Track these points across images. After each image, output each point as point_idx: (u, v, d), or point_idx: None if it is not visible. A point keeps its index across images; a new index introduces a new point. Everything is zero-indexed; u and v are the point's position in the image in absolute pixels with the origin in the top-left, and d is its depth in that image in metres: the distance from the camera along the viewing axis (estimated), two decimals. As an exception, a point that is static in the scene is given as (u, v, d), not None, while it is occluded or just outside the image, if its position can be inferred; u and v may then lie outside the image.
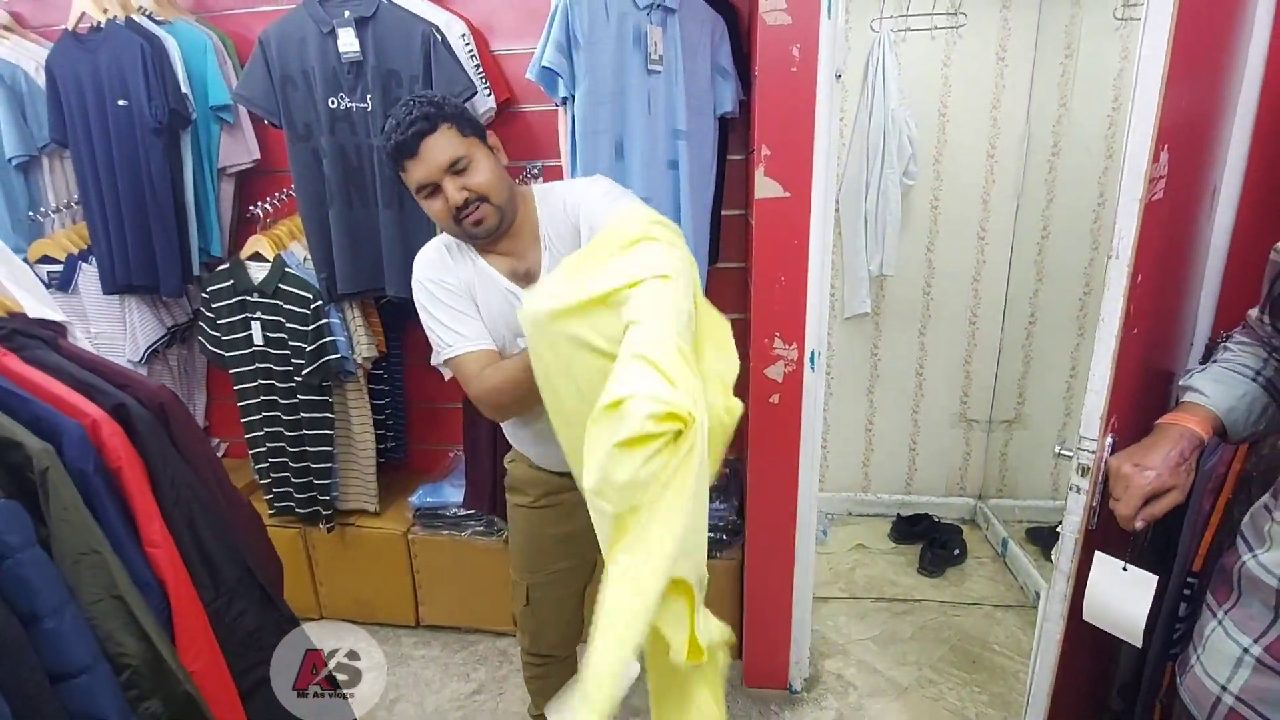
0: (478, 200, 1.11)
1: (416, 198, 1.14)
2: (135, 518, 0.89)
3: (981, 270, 2.51)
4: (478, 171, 1.11)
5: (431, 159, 1.08)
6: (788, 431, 1.70)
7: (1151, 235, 1.01)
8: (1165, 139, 0.99)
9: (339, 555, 2.15)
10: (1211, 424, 0.97)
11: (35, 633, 0.76)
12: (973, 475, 2.71)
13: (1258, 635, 0.84)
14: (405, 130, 1.07)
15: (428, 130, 1.08)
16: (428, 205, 1.14)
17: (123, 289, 2.02)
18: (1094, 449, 1.06)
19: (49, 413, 0.85)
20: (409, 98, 1.12)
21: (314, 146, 1.80)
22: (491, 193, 1.12)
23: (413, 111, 1.08)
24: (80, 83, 1.90)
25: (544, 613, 1.43)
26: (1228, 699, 0.85)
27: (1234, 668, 0.85)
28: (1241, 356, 1.05)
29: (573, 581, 1.42)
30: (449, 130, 1.10)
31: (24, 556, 0.75)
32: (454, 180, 1.10)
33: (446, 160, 1.09)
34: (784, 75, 1.51)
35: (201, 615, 0.94)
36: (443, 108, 1.10)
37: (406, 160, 1.09)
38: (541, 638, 1.46)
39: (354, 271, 1.86)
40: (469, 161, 1.10)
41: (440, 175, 1.09)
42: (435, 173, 1.09)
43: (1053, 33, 2.30)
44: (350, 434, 2.07)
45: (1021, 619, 2.15)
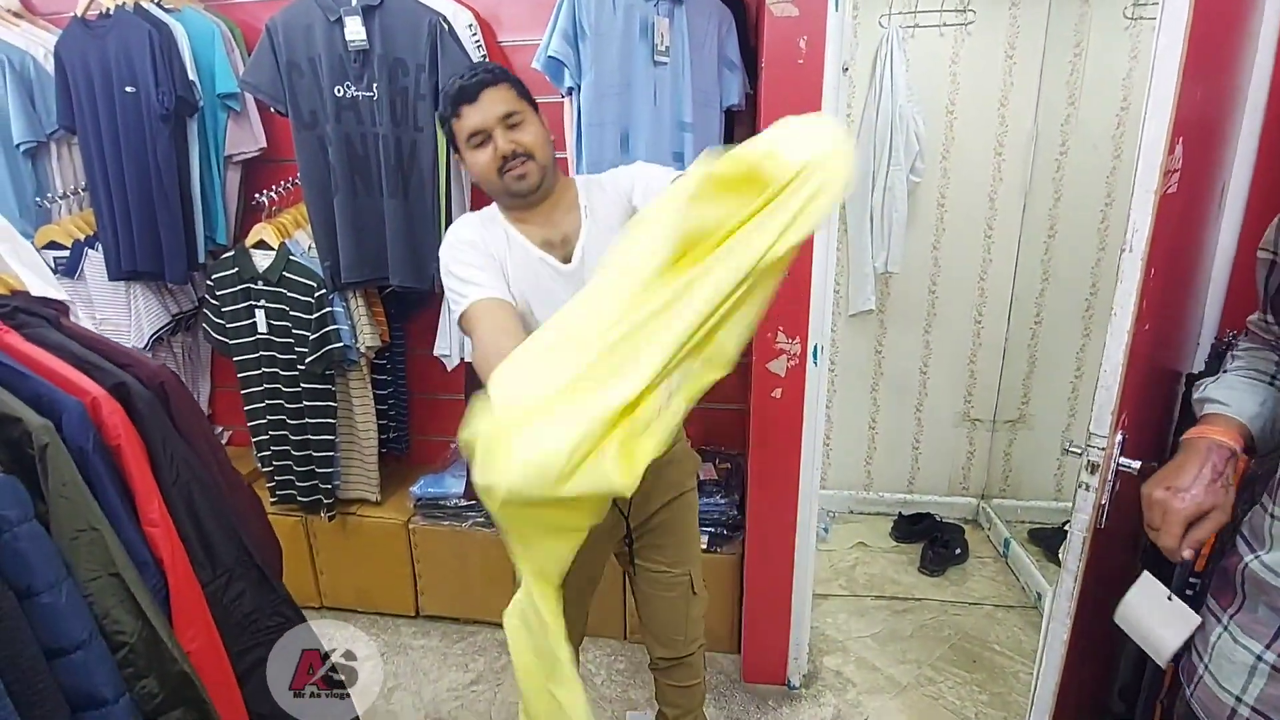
0: (524, 156, 1.14)
1: (464, 149, 1.16)
2: (134, 496, 0.89)
3: (987, 269, 2.50)
4: (528, 130, 1.15)
5: (489, 107, 1.12)
6: (789, 426, 1.70)
7: (1165, 229, 1.00)
8: (1180, 131, 0.98)
9: (340, 544, 2.15)
10: (1239, 432, 0.92)
11: (31, 607, 0.76)
12: (976, 475, 2.70)
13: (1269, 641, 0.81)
14: (469, 79, 1.12)
15: (490, 82, 1.13)
16: (474, 156, 1.15)
17: (128, 275, 2.03)
18: (1104, 445, 1.04)
19: (49, 390, 0.85)
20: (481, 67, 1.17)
21: (319, 134, 1.81)
22: (537, 151, 1.15)
23: (477, 69, 1.15)
24: (89, 69, 1.91)
25: None
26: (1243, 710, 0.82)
27: (1248, 676, 0.82)
28: (1253, 362, 1.02)
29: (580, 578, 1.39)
30: (509, 89, 1.15)
31: (21, 531, 0.75)
32: (505, 132, 1.13)
33: (503, 110, 1.12)
34: (791, 68, 1.51)
35: (199, 595, 0.94)
36: (507, 73, 1.17)
37: (464, 105, 1.12)
38: None
39: (358, 260, 1.86)
40: (522, 119, 1.14)
41: (494, 124, 1.12)
42: (490, 120, 1.12)
43: (1062, 31, 2.28)
44: (353, 423, 2.07)
45: (1023, 619, 2.14)
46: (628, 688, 1.90)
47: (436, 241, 1.85)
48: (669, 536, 1.37)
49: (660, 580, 1.38)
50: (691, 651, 1.43)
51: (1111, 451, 1.04)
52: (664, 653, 1.43)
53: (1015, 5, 2.31)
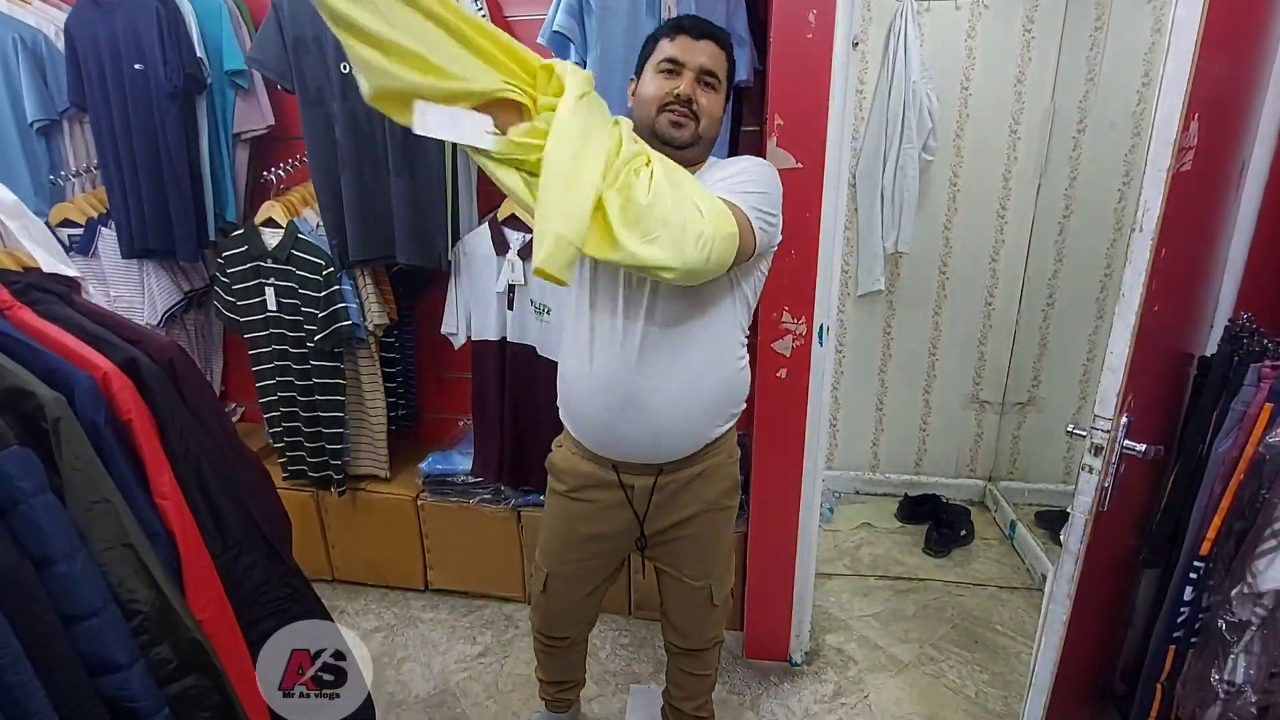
0: (694, 115, 1.13)
1: (648, 66, 1.15)
2: (145, 469, 0.91)
3: (1000, 250, 2.47)
4: (713, 98, 1.15)
5: (700, 54, 1.12)
6: (794, 406, 1.70)
7: (1178, 208, 0.98)
8: (1196, 108, 0.96)
9: (350, 519, 2.19)
10: None
11: (47, 575, 0.78)
12: (983, 457, 2.69)
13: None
14: (702, 21, 1.14)
15: (718, 40, 1.14)
16: (653, 77, 1.14)
17: (140, 253, 2.05)
18: (1108, 428, 1.04)
19: (61, 364, 0.87)
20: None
21: (326, 112, 1.80)
22: (704, 119, 1.14)
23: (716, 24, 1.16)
24: (98, 46, 1.91)
25: (560, 601, 1.40)
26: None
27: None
28: None
29: (596, 576, 1.39)
30: (725, 59, 1.16)
31: (37, 501, 0.77)
32: (694, 82, 1.12)
33: (709, 64, 1.13)
34: (800, 42, 1.48)
35: (210, 566, 0.96)
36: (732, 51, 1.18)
37: (682, 36, 1.12)
38: (553, 623, 1.44)
39: (365, 238, 1.87)
40: (715, 89, 1.14)
41: (694, 67, 1.12)
42: (693, 61, 1.12)
43: (1082, 5, 2.22)
44: (362, 400, 2.10)
45: (1026, 601, 2.15)
46: (631, 662, 1.93)
47: (443, 220, 1.85)
48: (693, 551, 1.32)
49: (680, 587, 1.35)
50: (707, 647, 1.42)
51: (1116, 434, 1.03)
52: (679, 641, 1.42)
53: (1035, -23, 2.25)
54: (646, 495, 1.26)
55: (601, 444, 1.25)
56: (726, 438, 1.28)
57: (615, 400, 1.18)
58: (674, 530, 1.30)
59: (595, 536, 1.32)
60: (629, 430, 1.20)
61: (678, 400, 1.18)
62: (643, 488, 1.26)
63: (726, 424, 1.27)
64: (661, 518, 1.28)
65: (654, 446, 1.22)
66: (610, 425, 1.21)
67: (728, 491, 1.31)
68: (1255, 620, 1.19)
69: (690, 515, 1.28)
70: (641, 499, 1.27)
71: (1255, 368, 1.27)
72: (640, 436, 1.20)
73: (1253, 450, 1.22)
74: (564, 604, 1.41)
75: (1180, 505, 1.40)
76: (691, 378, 1.18)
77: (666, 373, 1.16)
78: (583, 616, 1.47)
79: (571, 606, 1.42)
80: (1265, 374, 1.26)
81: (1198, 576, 1.31)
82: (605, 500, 1.29)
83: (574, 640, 1.51)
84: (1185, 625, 1.34)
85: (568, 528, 1.34)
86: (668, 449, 1.22)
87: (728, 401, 1.24)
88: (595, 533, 1.32)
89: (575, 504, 1.32)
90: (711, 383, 1.20)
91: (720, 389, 1.22)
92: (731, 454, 1.32)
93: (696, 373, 1.18)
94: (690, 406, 1.19)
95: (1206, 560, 1.29)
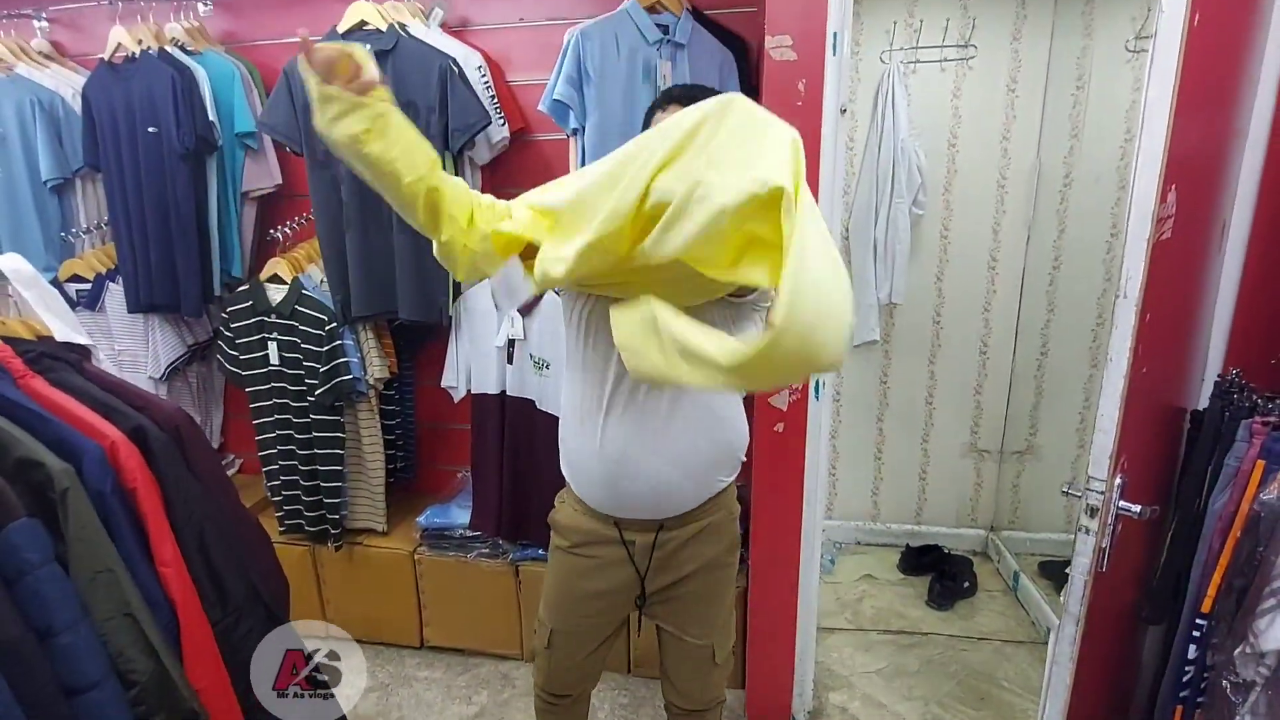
0: None
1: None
2: (148, 537, 0.92)
3: (992, 300, 2.51)
4: None
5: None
6: (792, 460, 1.71)
7: (1160, 274, 1.02)
8: (1173, 178, 1.00)
9: (346, 574, 2.17)
10: None
11: (50, 647, 0.78)
12: (984, 506, 2.68)
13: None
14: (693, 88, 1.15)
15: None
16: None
17: (146, 308, 2.09)
18: (1103, 489, 1.05)
19: (71, 434, 0.89)
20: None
21: (333, 173, 1.86)
22: None
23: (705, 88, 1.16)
24: (114, 110, 1.98)
25: (564, 658, 1.39)
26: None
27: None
28: None
29: (599, 633, 1.37)
30: None
31: (43, 573, 0.78)
32: None
33: None
34: (790, 110, 1.54)
35: (209, 634, 0.96)
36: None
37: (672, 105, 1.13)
38: (557, 680, 1.42)
39: (368, 294, 1.90)
40: None
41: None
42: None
43: (1064, 64, 2.31)
44: (361, 454, 2.10)
45: (1032, 655, 2.11)
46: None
47: (444, 276, 1.89)
48: (694, 609, 1.31)
49: (682, 646, 1.34)
50: (708, 708, 1.39)
51: (1111, 495, 1.05)
52: (680, 702, 1.39)
53: (1017, 39, 2.35)
54: (648, 551, 1.27)
55: (602, 502, 1.25)
56: (727, 493, 1.29)
57: (614, 459, 1.19)
58: (675, 588, 1.29)
59: (597, 593, 1.32)
60: (629, 487, 1.21)
61: (677, 458, 1.19)
62: (644, 544, 1.26)
63: (728, 477, 1.28)
64: (662, 575, 1.28)
65: (655, 503, 1.23)
66: (611, 484, 1.22)
67: (728, 548, 1.31)
68: (1259, 680, 1.18)
69: (691, 572, 1.28)
70: (643, 555, 1.27)
71: (1246, 424, 1.28)
72: (640, 493, 1.21)
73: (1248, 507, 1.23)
74: (568, 660, 1.39)
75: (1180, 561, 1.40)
76: (690, 435, 1.19)
77: (664, 431, 1.18)
78: (587, 673, 1.45)
79: (576, 663, 1.40)
80: (1256, 430, 1.27)
81: (1201, 634, 1.30)
82: (607, 556, 1.29)
83: (576, 699, 1.48)
84: (1191, 684, 1.33)
85: (570, 584, 1.34)
86: (669, 505, 1.23)
87: (728, 454, 1.25)
88: (597, 589, 1.31)
89: (577, 560, 1.32)
90: (710, 438, 1.21)
91: (719, 443, 1.23)
92: (732, 511, 1.32)
93: (694, 429, 1.19)
94: (690, 463, 1.21)
95: (1209, 618, 1.28)
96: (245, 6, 2.15)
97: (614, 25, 1.72)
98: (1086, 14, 2.28)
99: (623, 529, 1.26)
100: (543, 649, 1.39)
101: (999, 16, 2.34)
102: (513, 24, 2.03)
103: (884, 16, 2.36)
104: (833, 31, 1.48)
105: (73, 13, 2.23)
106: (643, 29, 1.71)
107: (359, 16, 1.81)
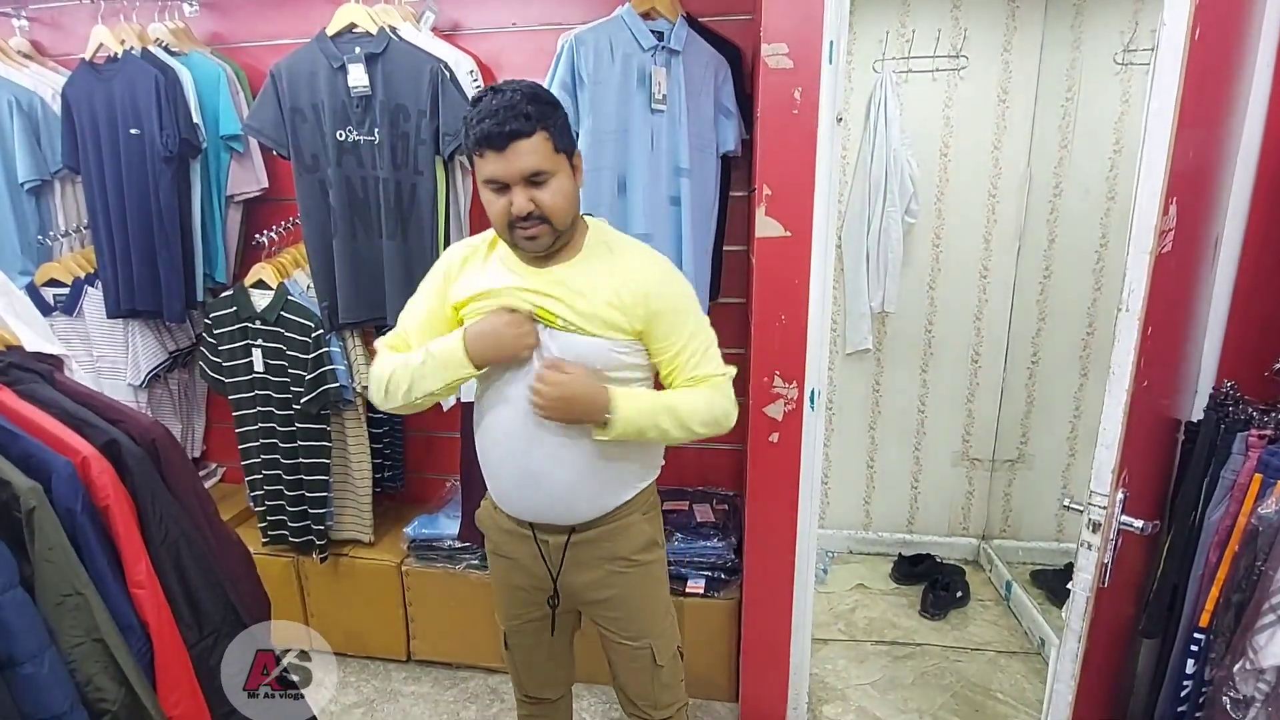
0: (540, 219, 1.06)
1: (480, 187, 1.08)
2: (121, 557, 0.88)
3: (984, 309, 2.51)
4: (552, 188, 1.05)
5: (515, 162, 1.02)
6: (787, 471, 1.69)
7: (1161, 287, 1.01)
8: (1174, 191, 0.99)
9: (331, 586, 2.12)
10: None
11: (12, 677, 0.74)
12: (976, 515, 2.67)
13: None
14: (502, 124, 1.00)
15: (525, 133, 1.01)
16: (489, 200, 1.07)
17: (127, 313, 2.03)
18: (1105, 504, 1.04)
19: (39, 449, 0.85)
20: (517, 85, 1.04)
21: (321, 177, 1.82)
22: (556, 215, 1.07)
23: (516, 105, 1.00)
24: (94, 111, 1.93)
25: (522, 657, 1.40)
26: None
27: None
28: None
29: (543, 631, 1.36)
30: (544, 140, 1.03)
31: (6, 599, 0.74)
32: (526, 190, 1.04)
33: (530, 169, 1.03)
34: (786, 118, 1.53)
35: (184, 659, 0.92)
36: (547, 113, 1.03)
37: (488, 150, 1.02)
38: (523, 682, 1.44)
39: (356, 301, 1.87)
40: (549, 177, 1.05)
41: (516, 180, 1.03)
42: (513, 175, 1.03)
43: (1054, 76, 2.32)
44: (347, 463, 2.06)
45: (1026, 666, 2.10)
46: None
47: (435, 283, 1.86)
48: (620, 609, 1.29)
49: (618, 649, 1.32)
50: (666, 713, 1.36)
51: (1113, 510, 1.03)
52: (633, 710, 1.37)
53: (1007, 51, 2.36)
54: (560, 551, 1.27)
55: (514, 508, 1.27)
56: (638, 498, 1.29)
57: (519, 472, 1.20)
58: (592, 590, 1.28)
59: (520, 588, 1.33)
60: (534, 496, 1.22)
61: (580, 474, 1.19)
62: (556, 544, 1.27)
63: (635, 490, 1.27)
64: (576, 574, 1.28)
65: (562, 512, 1.24)
66: (519, 492, 1.23)
67: (643, 547, 1.29)
68: (1259, 696, 1.17)
69: (605, 574, 1.27)
70: (555, 554, 1.27)
71: (1242, 436, 1.28)
72: (546, 503, 1.23)
73: (1245, 520, 1.23)
74: (527, 659, 1.41)
75: (1176, 574, 1.39)
76: (592, 454, 1.18)
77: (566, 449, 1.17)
78: (554, 675, 1.44)
79: (536, 663, 1.41)
80: (1252, 443, 1.27)
81: (1198, 649, 1.29)
82: (523, 554, 1.29)
83: (555, 702, 1.47)
84: (1189, 699, 1.32)
85: (503, 582, 1.36)
86: (576, 515, 1.24)
87: (634, 470, 1.26)
88: (520, 585, 1.33)
89: (500, 560, 1.34)
90: (614, 456, 1.21)
91: (624, 461, 1.23)
92: (646, 511, 1.31)
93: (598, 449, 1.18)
94: (593, 480, 1.21)
95: (1206, 632, 1.27)
96: (232, 7, 2.11)
97: (608, 31, 1.70)
98: (1076, 26, 2.29)
99: (536, 530, 1.27)
100: (504, 651, 1.42)
101: (990, 27, 2.34)
102: (505, 28, 2.01)
103: (877, 26, 2.36)
104: (829, 40, 1.47)
105: (53, 11, 2.18)
106: (637, 35, 1.69)
107: (348, 19, 1.78)
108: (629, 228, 1.76)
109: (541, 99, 1.05)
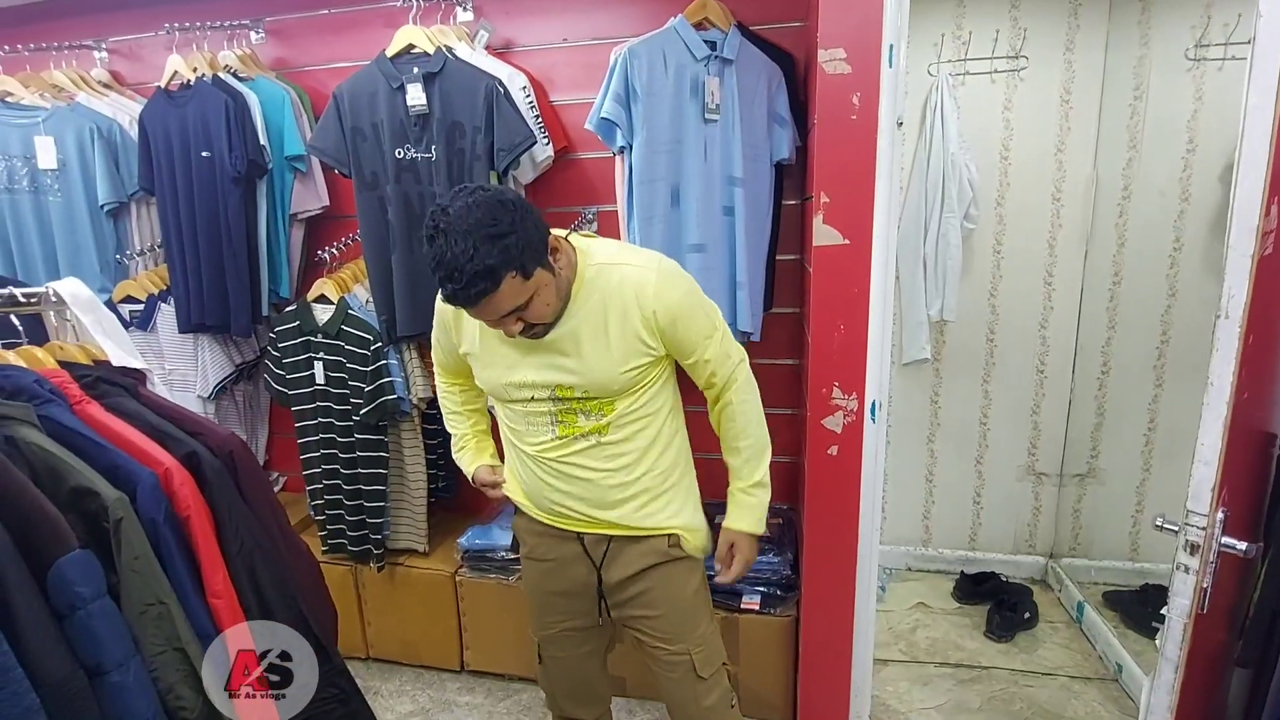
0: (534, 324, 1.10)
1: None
2: (200, 567, 0.90)
3: (1049, 317, 2.41)
4: (537, 307, 1.06)
5: (493, 311, 1.03)
6: (847, 485, 1.64)
7: (1263, 292, 0.94)
8: (1276, 191, 0.93)
9: (387, 594, 2.15)
10: None
11: (100, 685, 0.76)
12: (1043, 532, 2.56)
13: None
14: (467, 288, 0.97)
15: (489, 290, 0.98)
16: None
17: (196, 328, 2.12)
18: (1204, 525, 0.97)
19: (125, 460, 0.88)
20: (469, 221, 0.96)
21: (380, 195, 1.87)
22: (548, 315, 1.10)
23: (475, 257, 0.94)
24: (169, 135, 2.03)
25: (556, 672, 1.38)
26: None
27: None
28: None
29: (586, 642, 1.35)
30: (513, 280, 0.99)
31: (95, 608, 0.76)
32: (511, 317, 1.05)
33: (507, 309, 1.03)
34: (844, 124, 1.50)
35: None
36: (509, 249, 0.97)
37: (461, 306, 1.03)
38: (556, 699, 1.42)
39: (413, 314, 1.90)
40: (529, 300, 1.04)
41: (496, 320, 1.05)
42: (492, 318, 1.05)
43: (1120, 74, 2.23)
44: (404, 473, 2.09)
45: (1102, 693, 1.99)
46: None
47: (489, 296, 1.88)
48: (656, 607, 1.27)
49: (655, 656, 1.29)
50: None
51: (1213, 531, 0.96)
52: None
53: (1070, 50, 2.27)
54: (602, 543, 1.27)
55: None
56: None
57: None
58: (632, 583, 1.27)
59: (564, 594, 1.32)
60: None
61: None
62: (595, 537, 1.27)
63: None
64: (617, 568, 1.27)
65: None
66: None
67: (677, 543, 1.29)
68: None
69: (646, 568, 1.26)
70: (596, 547, 1.27)
71: (1348, 452, 1.19)
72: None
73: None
74: (562, 674, 1.39)
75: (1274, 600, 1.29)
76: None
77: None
78: (589, 692, 1.42)
79: (570, 677, 1.39)
80: (1360, 460, 1.17)
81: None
82: (563, 553, 1.29)
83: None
84: (1295, 736, 1.22)
85: (539, 589, 1.35)
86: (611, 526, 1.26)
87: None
88: (562, 590, 1.32)
89: (538, 564, 1.33)
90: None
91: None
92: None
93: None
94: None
95: (1314, 663, 1.18)
96: (295, 33, 2.20)
97: (661, 43, 1.70)
98: (1143, 23, 2.19)
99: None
100: (538, 665, 1.40)
101: (1051, 27, 2.26)
102: (556, 44, 2.04)
103: (931, 30, 2.30)
104: (888, 43, 1.44)
105: (131, 43, 2.30)
106: (690, 46, 1.69)
107: (407, 40, 1.83)
108: (683, 239, 1.75)
109: (498, 233, 0.96)
